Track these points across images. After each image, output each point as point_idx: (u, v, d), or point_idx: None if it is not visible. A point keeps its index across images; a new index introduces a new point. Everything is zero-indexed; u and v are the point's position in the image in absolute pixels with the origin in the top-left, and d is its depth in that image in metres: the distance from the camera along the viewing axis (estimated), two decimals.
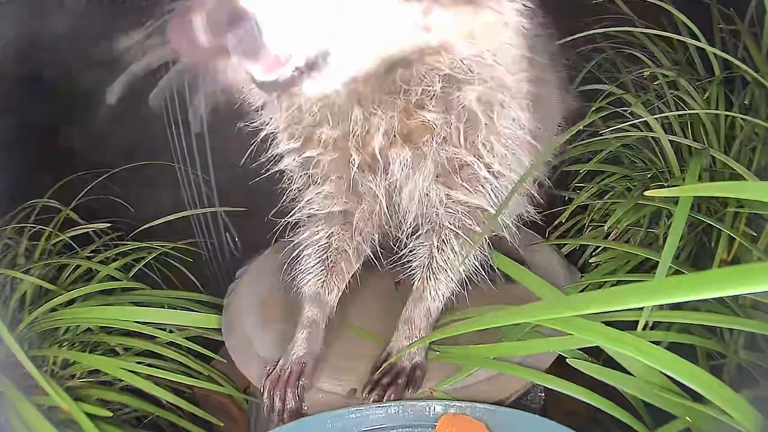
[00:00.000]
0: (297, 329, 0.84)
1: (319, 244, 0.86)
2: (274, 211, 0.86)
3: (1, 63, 1.04)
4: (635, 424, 0.67)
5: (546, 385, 0.73)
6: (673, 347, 0.79)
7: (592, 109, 1.05)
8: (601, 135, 1.09)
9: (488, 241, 0.82)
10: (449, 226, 0.79)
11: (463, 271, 0.81)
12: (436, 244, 0.80)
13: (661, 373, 0.63)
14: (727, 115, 1.01)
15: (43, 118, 1.22)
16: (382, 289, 0.96)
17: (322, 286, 0.86)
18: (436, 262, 0.81)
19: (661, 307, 0.74)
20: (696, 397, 0.59)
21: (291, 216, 0.85)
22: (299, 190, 0.84)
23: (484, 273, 0.83)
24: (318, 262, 0.86)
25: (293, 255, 0.87)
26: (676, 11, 1.01)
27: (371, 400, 0.76)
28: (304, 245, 0.86)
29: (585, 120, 0.92)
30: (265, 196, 0.87)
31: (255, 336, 0.90)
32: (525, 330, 0.79)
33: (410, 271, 0.84)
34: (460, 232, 0.79)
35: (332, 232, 0.85)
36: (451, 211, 0.78)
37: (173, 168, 1.43)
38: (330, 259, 0.86)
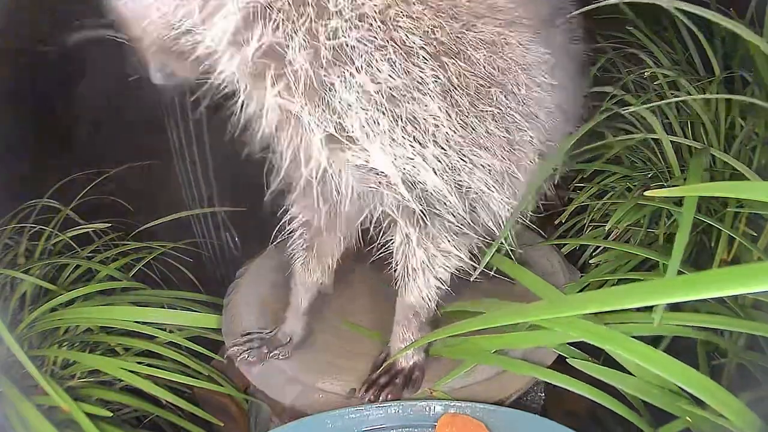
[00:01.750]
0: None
1: (300, 221, 0.84)
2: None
3: (2, 63, 1.04)
4: (636, 420, 0.67)
5: (547, 380, 0.72)
6: (673, 347, 0.79)
7: (599, 111, 1.05)
8: (602, 136, 1.09)
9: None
10: (389, 208, 0.70)
11: (446, 269, 0.76)
12: (398, 243, 0.74)
13: None
14: (726, 115, 1.01)
15: (43, 117, 1.23)
16: (382, 287, 0.96)
17: (303, 267, 0.86)
18: (408, 260, 0.75)
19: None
20: (696, 397, 0.59)
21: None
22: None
23: (472, 269, 0.78)
24: (300, 240, 0.86)
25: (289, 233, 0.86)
26: (676, 11, 1.01)
27: (367, 399, 0.76)
28: (294, 222, 0.84)
29: (590, 123, 0.89)
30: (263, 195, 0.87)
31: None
32: (523, 329, 0.78)
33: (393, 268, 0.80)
34: (402, 219, 0.71)
35: (307, 206, 0.82)
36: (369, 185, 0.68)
37: (173, 168, 1.43)
38: (308, 237, 0.85)
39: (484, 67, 0.64)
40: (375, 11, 0.58)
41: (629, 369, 0.66)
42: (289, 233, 0.85)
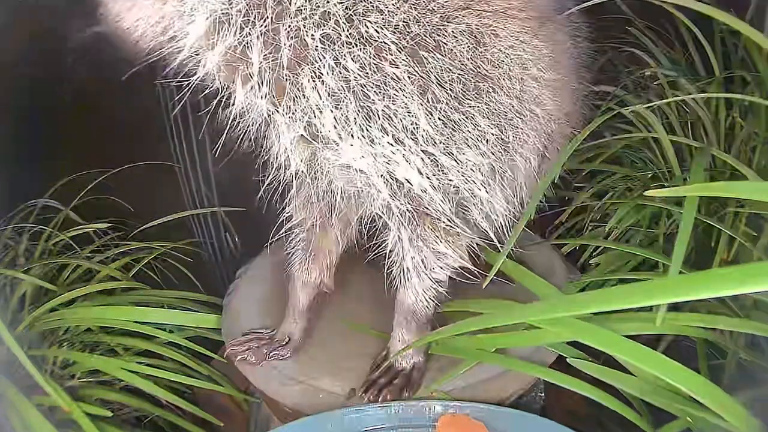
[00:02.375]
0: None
1: (296, 220, 0.83)
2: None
3: (1, 63, 1.04)
4: (637, 420, 0.67)
5: (547, 380, 0.73)
6: (673, 346, 0.79)
7: (600, 111, 1.05)
8: (602, 136, 1.09)
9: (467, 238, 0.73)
10: (378, 208, 0.69)
11: (443, 269, 0.75)
12: (391, 243, 0.73)
13: None
14: (726, 115, 1.02)
15: (43, 118, 1.22)
16: (382, 286, 0.96)
17: (301, 266, 0.86)
18: (402, 260, 0.74)
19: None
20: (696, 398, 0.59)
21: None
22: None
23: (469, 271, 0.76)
24: (297, 240, 0.85)
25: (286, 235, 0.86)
26: (676, 11, 1.01)
27: (366, 399, 0.76)
28: (290, 222, 0.84)
29: (592, 124, 0.88)
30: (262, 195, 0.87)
31: None
32: (523, 329, 0.78)
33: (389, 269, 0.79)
34: (391, 219, 0.69)
35: (302, 205, 0.81)
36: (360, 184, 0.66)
37: (173, 168, 1.43)
38: (304, 236, 0.84)
39: (469, 60, 0.62)
40: (340, 8, 0.57)
41: (629, 369, 0.66)
42: (286, 233, 0.85)
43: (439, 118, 0.61)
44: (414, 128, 0.61)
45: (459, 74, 0.61)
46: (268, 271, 1.05)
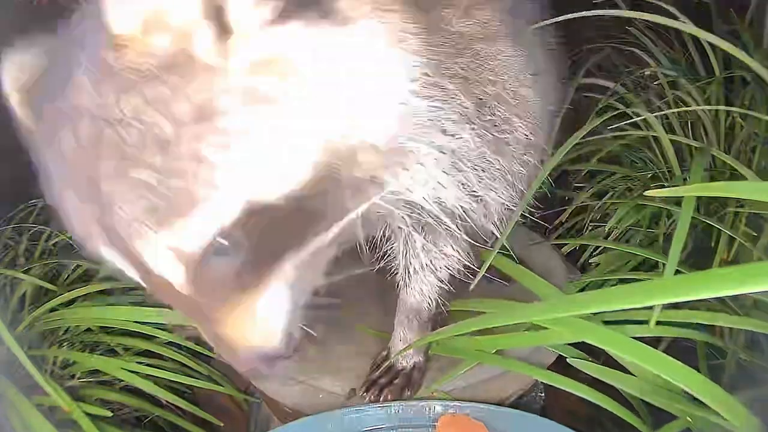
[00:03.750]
0: None
1: None
2: None
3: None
4: (636, 422, 0.67)
5: (547, 381, 0.72)
6: (674, 346, 0.79)
7: (597, 108, 1.05)
8: (601, 133, 1.09)
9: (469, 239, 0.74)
10: (398, 220, 0.69)
11: (448, 269, 0.76)
12: (401, 247, 0.75)
13: None
14: (726, 115, 1.02)
15: None
16: (383, 286, 0.96)
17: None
18: (410, 263, 0.76)
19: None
20: (697, 398, 0.59)
21: None
22: None
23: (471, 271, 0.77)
24: None
25: None
26: (676, 11, 1.01)
27: (367, 399, 0.76)
28: None
29: (588, 125, 0.88)
30: None
31: None
32: (523, 329, 0.78)
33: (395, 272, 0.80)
34: (411, 228, 0.70)
35: None
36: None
37: None
38: None
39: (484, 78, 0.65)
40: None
41: (629, 369, 0.66)
42: None
43: (477, 136, 0.64)
44: (468, 151, 0.64)
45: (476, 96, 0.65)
46: None
